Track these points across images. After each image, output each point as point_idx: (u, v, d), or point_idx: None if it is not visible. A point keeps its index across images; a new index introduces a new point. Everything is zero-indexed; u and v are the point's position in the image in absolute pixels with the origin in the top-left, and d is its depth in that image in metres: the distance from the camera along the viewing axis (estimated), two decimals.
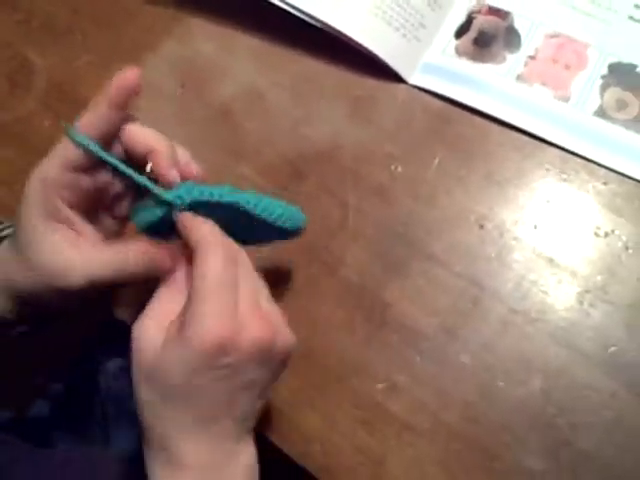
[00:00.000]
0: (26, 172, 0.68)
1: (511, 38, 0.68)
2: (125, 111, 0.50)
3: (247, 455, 0.49)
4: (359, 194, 0.66)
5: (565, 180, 0.64)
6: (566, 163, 0.65)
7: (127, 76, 0.50)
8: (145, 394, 0.46)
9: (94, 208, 0.52)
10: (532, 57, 0.67)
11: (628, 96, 0.65)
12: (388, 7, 0.68)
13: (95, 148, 0.47)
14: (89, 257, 0.48)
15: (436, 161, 0.66)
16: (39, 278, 0.48)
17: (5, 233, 0.55)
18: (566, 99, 0.66)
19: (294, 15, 0.69)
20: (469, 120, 0.68)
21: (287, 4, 0.69)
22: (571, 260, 0.62)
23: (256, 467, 0.50)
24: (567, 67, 0.67)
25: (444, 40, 0.70)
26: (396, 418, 0.58)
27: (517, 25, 0.69)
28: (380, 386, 0.59)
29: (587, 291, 0.60)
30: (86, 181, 0.50)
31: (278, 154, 0.68)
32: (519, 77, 0.67)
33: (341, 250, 0.64)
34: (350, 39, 0.68)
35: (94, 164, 0.49)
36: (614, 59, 0.67)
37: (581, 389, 0.58)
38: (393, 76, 0.69)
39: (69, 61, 0.73)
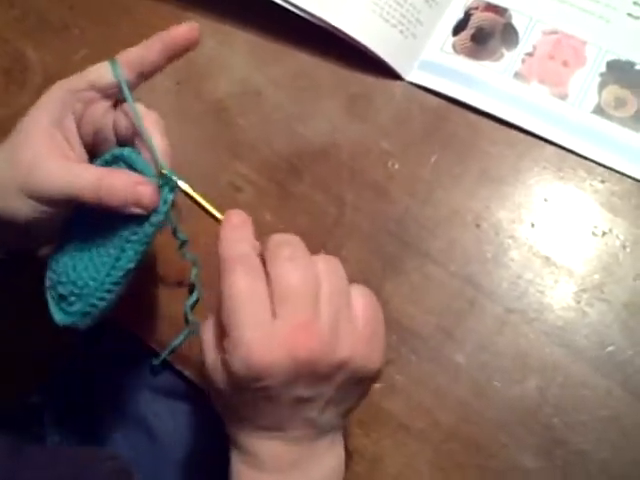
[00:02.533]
0: None
1: (509, 35, 0.68)
2: (168, 63, 0.52)
3: (332, 457, 0.49)
4: (355, 191, 0.65)
5: (562, 178, 0.64)
6: (563, 161, 0.65)
7: (187, 30, 0.51)
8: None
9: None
10: (530, 54, 0.67)
11: (626, 94, 0.65)
12: (385, 4, 0.68)
13: (126, 90, 0.51)
14: (77, 170, 0.49)
15: (433, 159, 0.66)
16: (22, 179, 0.48)
17: None
18: (564, 97, 0.65)
19: (290, 11, 0.69)
20: (466, 118, 0.67)
21: (284, 0, 0.68)
22: (568, 259, 0.61)
23: (342, 468, 0.49)
24: (565, 64, 0.66)
25: (441, 37, 0.69)
26: (392, 418, 0.58)
27: (515, 22, 0.68)
28: (376, 386, 0.59)
29: (584, 290, 0.60)
30: (98, 113, 0.52)
31: (274, 151, 0.68)
32: (516, 74, 0.67)
33: (337, 247, 0.63)
34: (347, 36, 0.67)
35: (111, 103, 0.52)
36: (612, 56, 0.66)
37: (577, 388, 0.58)
38: (390, 73, 0.69)
39: (65, 56, 0.73)
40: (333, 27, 0.67)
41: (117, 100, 0.54)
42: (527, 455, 0.56)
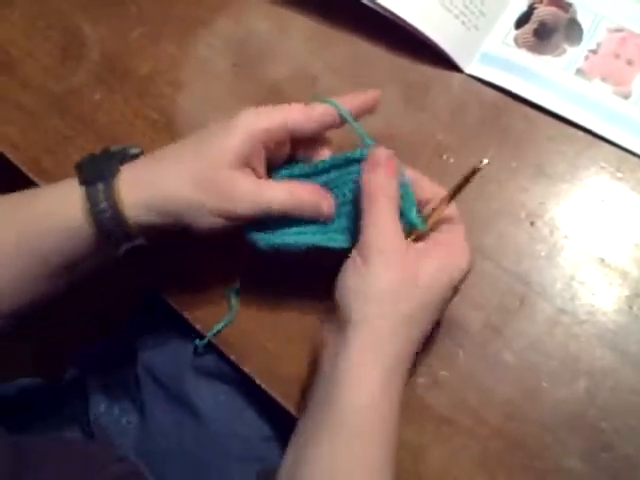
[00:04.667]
0: (73, 142, 0.69)
1: (572, 31, 0.67)
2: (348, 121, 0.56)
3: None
4: None
5: (620, 179, 0.63)
6: (622, 162, 0.63)
7: (374, 96, 0.58)
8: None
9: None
10: (593, 51, 0.66)
11: None
12: None
13: (344, 110, 0.56)
14: (265, 191, 0.54)
15: (489, 153, 0.65)
16: (218, 207, 0.52)
17: (133, 152, 0.58)
18: (627, 96, 0.64)
19: None
20: (524, 112, 0.66)
21: None
22: (622, 262, 0.60)
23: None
24: (630, 63, 0.65)
25: (503, 30, 0.68)
26: (436, 413, 0.58)
27: (579, 18, 0.67)
28: (421, 380, 0.59)
29: (637, 295, 0.59)
30: (282, 150, 0.56)
31: (329, 138, 0.67)
32: (578, 71, 0.65)
33: None
34: (407, 24, 0.66)
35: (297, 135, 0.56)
36: None
37: (626, 393, 0.57)
38: (449, 64, 0.68)
39: (122, 34, 0.73)
40: (394, 15, 0.66)
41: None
42: (572, 457, 0.56)
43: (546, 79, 0.66)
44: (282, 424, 0.60)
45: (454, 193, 0.53)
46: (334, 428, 0.49)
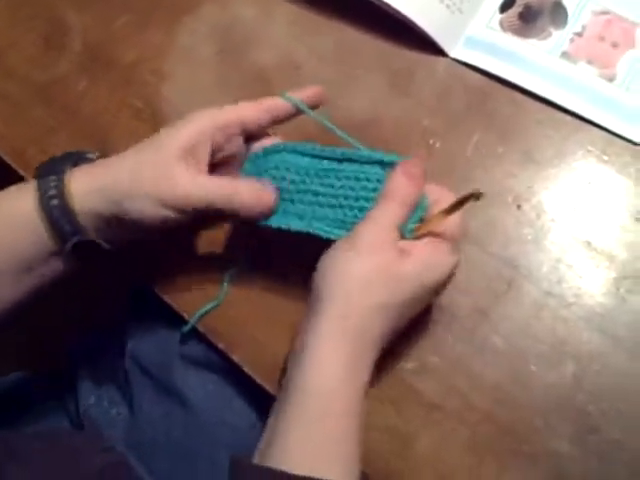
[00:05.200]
0: (57, 133, 0.69)
1: (557, 14, 0.66)
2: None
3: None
4: None
5: (606, 162, 0.63)
6: (608, 145, 0.63)
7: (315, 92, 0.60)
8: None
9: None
10: (578, 34, 0.66)
11: None
12: None
13: (298, 100, 0.59)
14: (208, 182, 0.55)
15: (475, 138, 0.65)
16: (157, 192, 0.53)
17: (90, 156, 0.61)
18: (611, 78, 0.64)
19: None
20: (510, 96, 0.66)
21: None
22: (609, 244, 0.60)
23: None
24: (614, 45, 0.65)
25: (488, 13, 0.68)
26: (425, 399, 0.58)
27: (564, 1, 0.67)
28: (410, 365, 0.58)
29: (624, 277, 0.59)
30: (232, 144, 0.58)
31: (314, 124, 0.67)
32: (564, 54, 0.65)
33: None
34: (391, 8, 0.66)
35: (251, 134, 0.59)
36: None
37: (613, 376, 0.57)
38: (434, 48, 0.68)
39: (106, 22, 0.72)
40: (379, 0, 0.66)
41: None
42: (561, 441, 0.56)
43: (532, 62, 0.65)
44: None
45: (448, 212, 0.53)
46: (297, 412, 0.49)
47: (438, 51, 0.68)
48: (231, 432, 0.67)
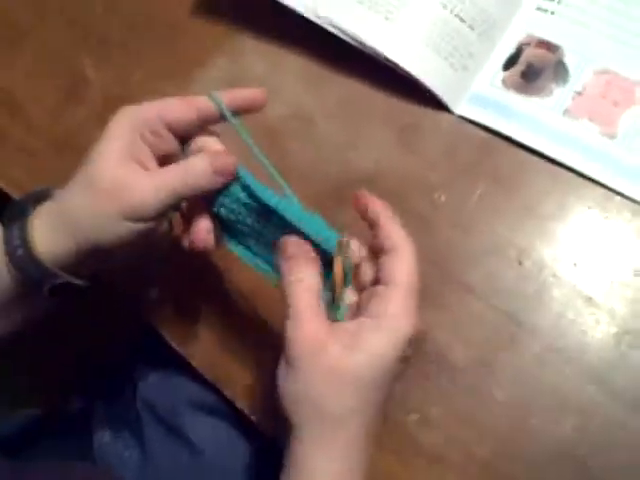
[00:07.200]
0: None
1: (559, 72, 0.68)
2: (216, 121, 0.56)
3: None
4: (400, 222, 0.66)
5: (607, 218, 0.64)
6: (609, 202, 0.65)
7: (258, 94, 0.56)
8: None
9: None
10: (579, 93, 0.67)
11: None
12: (438, 36, 0.69)
13: (225, 109, 0.55)
14: (159, 177, 0.52)
15: (478, 192, 0.66)
16: (119, 209, 0.51)
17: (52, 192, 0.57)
18: (612, 136, 0.66)
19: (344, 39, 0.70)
20: (513, 153, 0.68)
21: (337, 29, 0.69)
22: (610, 300, 0.62)
23: None
24: (615, 104, 0.66)
25: (492, 71, 0.70)
26: (427, 450, 0.59)
27: (566, 60, 0.68)
28: (413, 417, 0.60)
29: (626, 332, 0.60)
30: (163, 142, 0.55)
31: (322, 177, 0.69)
32: (566, 112, 0.67)
33: None
34: (397, 66, 0.68)
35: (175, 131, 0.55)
36: None
37: (614, 430, 0.58)
38: (439, 104, 0.70)
39: (123, 77, 0.75)
40: (385, 57, 0.68)
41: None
42: None
43: (534, 120, 0.67)
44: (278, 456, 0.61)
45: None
46: None
47: (443, 107, 0.70)
48: (239, 478, 0.68)
